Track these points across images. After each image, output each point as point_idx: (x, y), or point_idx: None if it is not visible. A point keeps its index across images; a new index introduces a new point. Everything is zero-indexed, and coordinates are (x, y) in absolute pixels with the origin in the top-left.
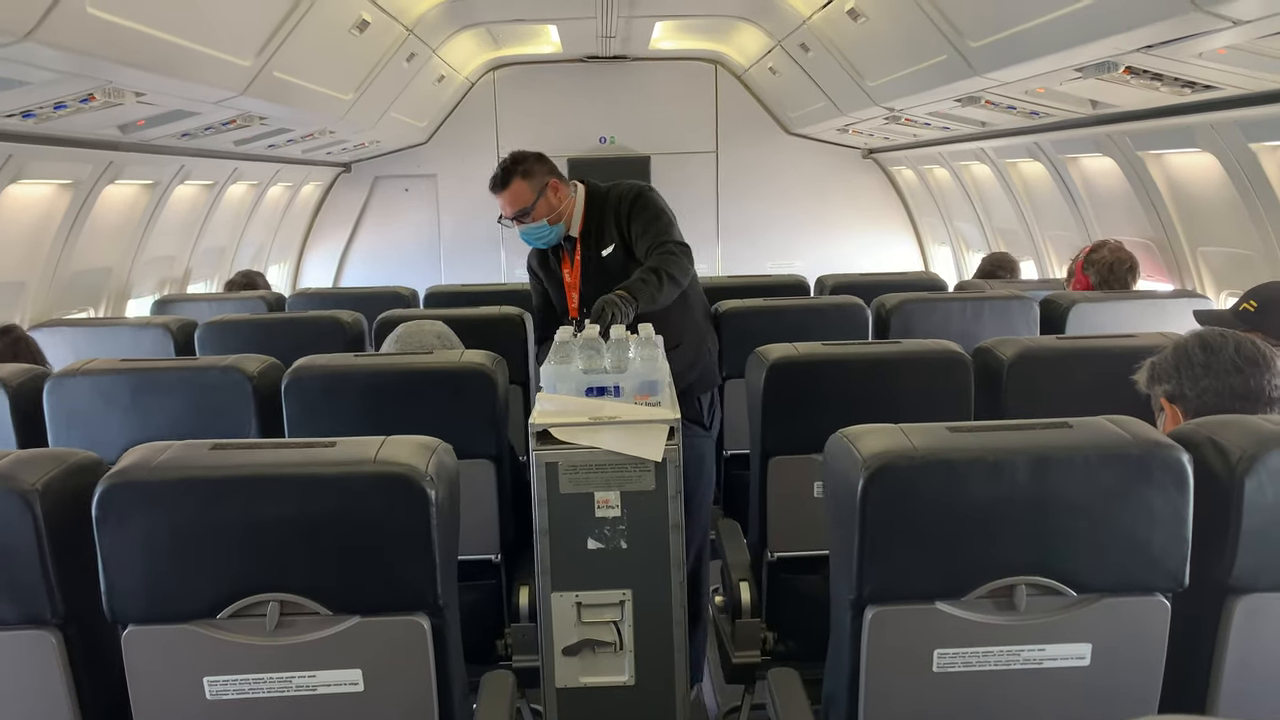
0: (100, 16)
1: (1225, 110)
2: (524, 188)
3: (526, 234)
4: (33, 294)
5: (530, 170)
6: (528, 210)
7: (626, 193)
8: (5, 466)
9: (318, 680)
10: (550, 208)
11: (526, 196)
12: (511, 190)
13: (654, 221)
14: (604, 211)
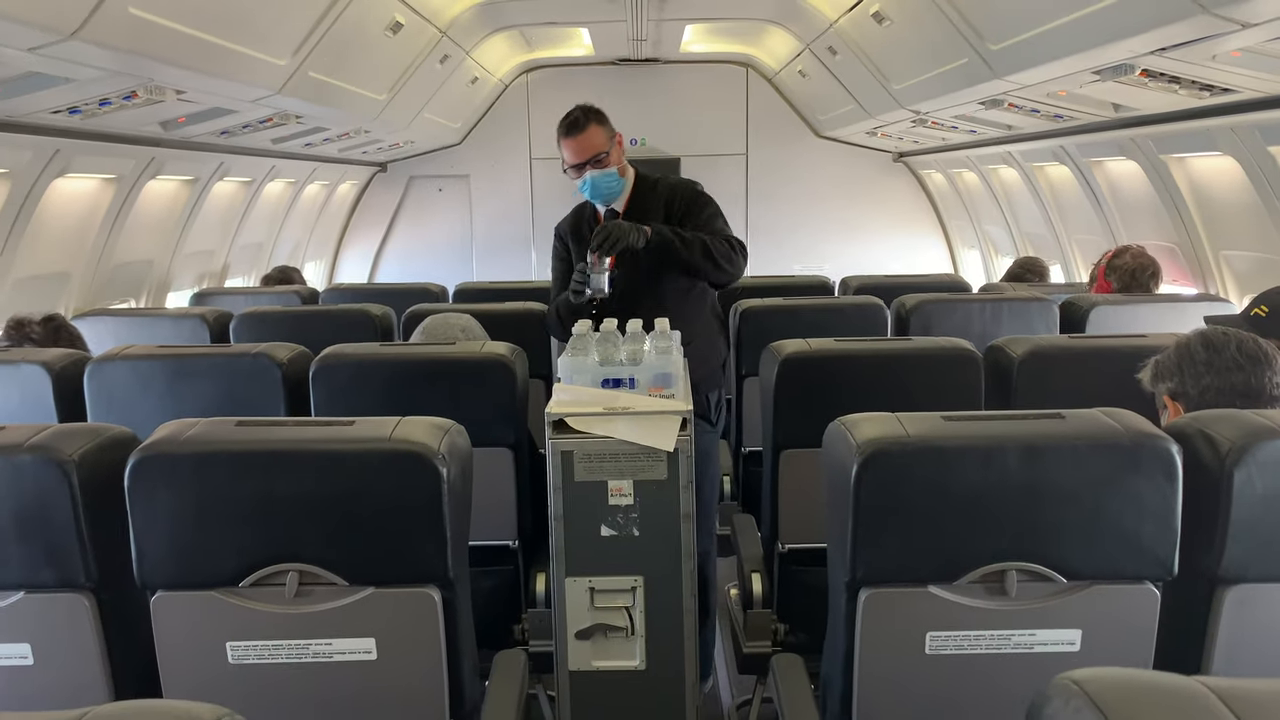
0: (141, 16)
1: (1244, 113)
2: (600, 133)
3: (595, 181)
4: (77, 285)
5: (603, 119)
6: (604, 154)
7: (684, 186)
8: (44, 439)
9: (333, 648)
10: (619, 159)
11: (602, 141)
12: (589, 134)
13: (713, 218)
14: (651, 197)
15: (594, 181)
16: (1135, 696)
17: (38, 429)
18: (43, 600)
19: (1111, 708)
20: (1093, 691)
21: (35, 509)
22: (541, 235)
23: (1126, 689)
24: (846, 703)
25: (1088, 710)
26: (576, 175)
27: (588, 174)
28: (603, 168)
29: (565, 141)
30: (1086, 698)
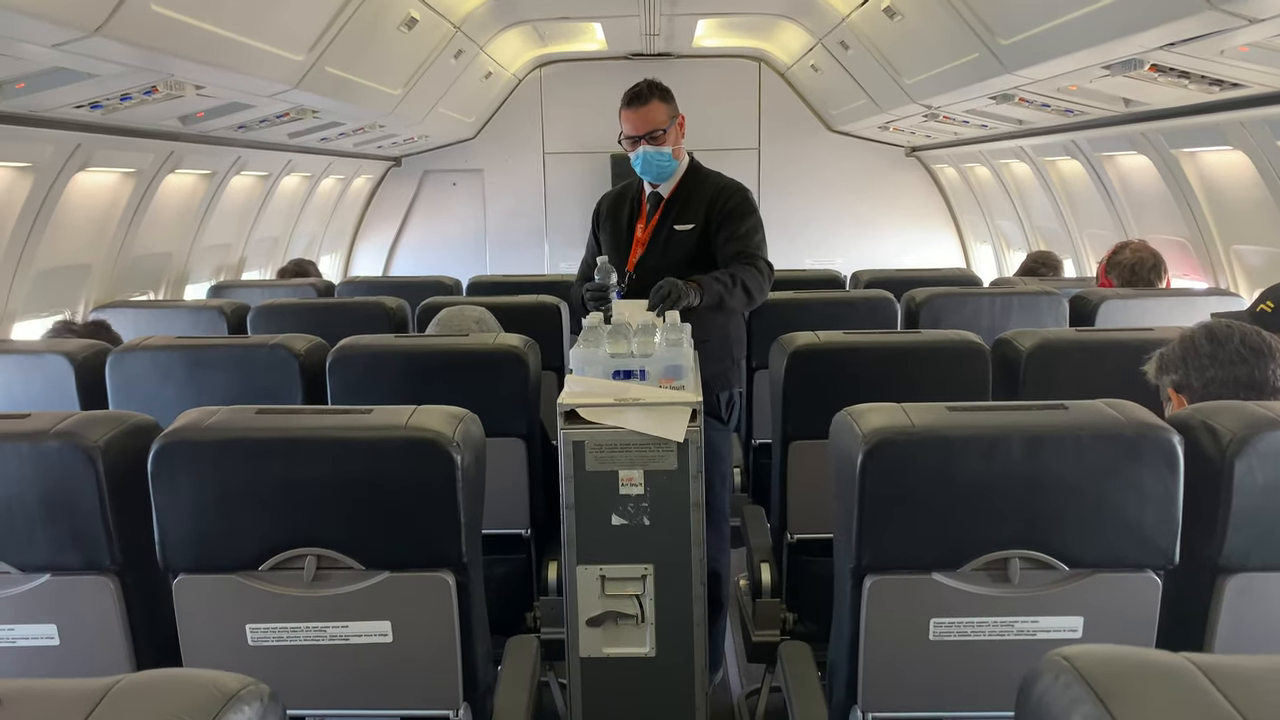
0: (163, 13)
1: (1254, 108)
2: (661, 109)
3: (648, 157)
4: (97, 277)
5: (668, 97)
6: (661, 131)
7: (734, 186)
8: (70, 425)
9: (350, 630)
10: (676, 139)
11: (662, 119)
12: (650, 108)
13: (752, 232)
14: (698, 190)
15: (645, 156)
16: (1123, 672)
17: (63, 416)
18: (68, 582)
19: (1099, 682)
20: (1082, 667)
21: (61, 494)
22: (554, 229)
23: (1114, 665)
24: (852, 688)
25: (1077, 685)
26: (632, 148)
27: (642, 148)
28: (657, 145)
29: (625, 113)
30: (1076, 673)
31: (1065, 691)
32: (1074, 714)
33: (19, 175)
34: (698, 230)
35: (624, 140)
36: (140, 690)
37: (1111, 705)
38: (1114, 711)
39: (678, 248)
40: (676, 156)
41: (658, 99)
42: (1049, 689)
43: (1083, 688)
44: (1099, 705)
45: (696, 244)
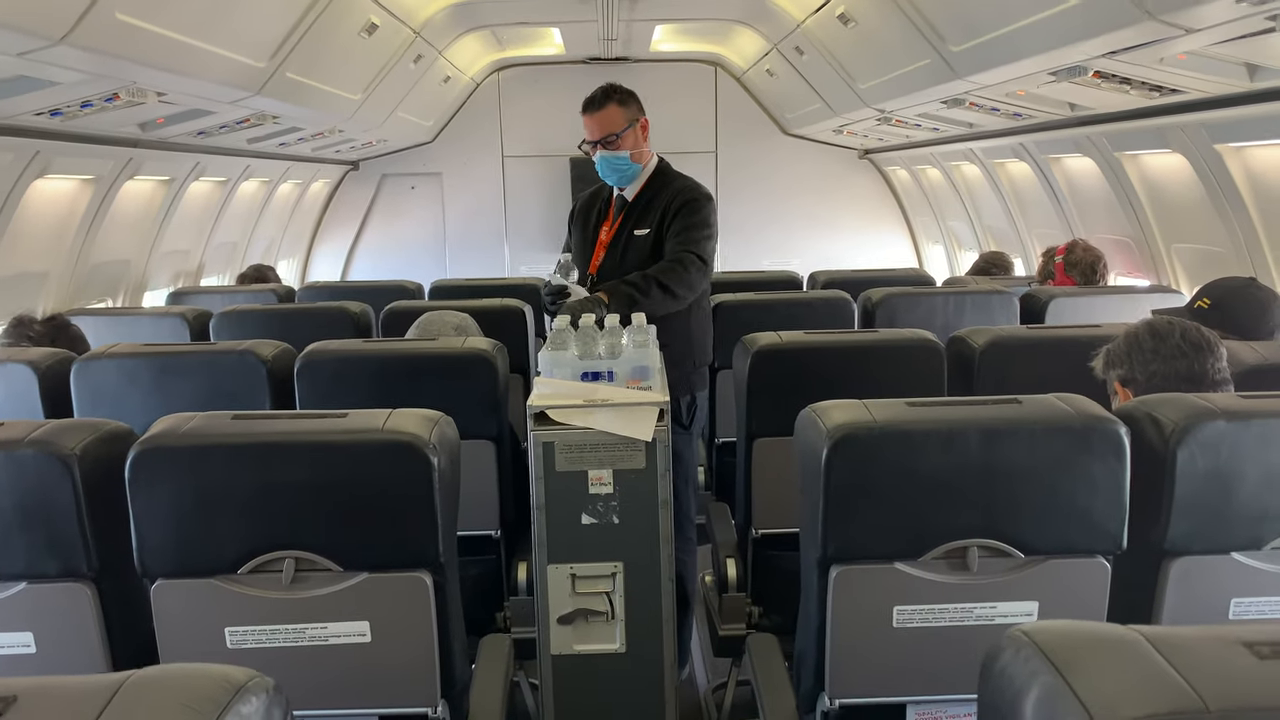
0: (127, 20)
1: (1191, 113)
2: (618, 113)
3: (605, 162)
4: (55, 284)
5: (626, 100)
6: (616, 136)
7: (686, 192)
8: (45, 433)
9: (329, 631)
10: (636, 143)
11: (618, 123)
12: (606, 112)
13: (692, 228)
14: (661, 194)
15: (602, 160)
16: (1078, 644)
17: (36, 424)
18: (45, 590)
19: (1057, 654)
20: (1040, 641)
21: (37, 502)
22: (515, 232)
23: (1070, 638)
24: (820, 675)
25: (1036, 658)
26: (592, 152)
27: (599, 152)
28: (612, 149)
29: (585, 118)
30: (1035, 647)
31: (1026, 664)
32: (1034, 685)
33: None
34: (653, 235)
35: (584, 145)
36: (151, 684)
37: (1068, 674)
38: (1070, 680)
39: (634, 252)
40: (637, 160)
41: (614, 103)
42: (1010, 663)
43: (1041, 660)
44: (1057, 675)
45: (651, 248)
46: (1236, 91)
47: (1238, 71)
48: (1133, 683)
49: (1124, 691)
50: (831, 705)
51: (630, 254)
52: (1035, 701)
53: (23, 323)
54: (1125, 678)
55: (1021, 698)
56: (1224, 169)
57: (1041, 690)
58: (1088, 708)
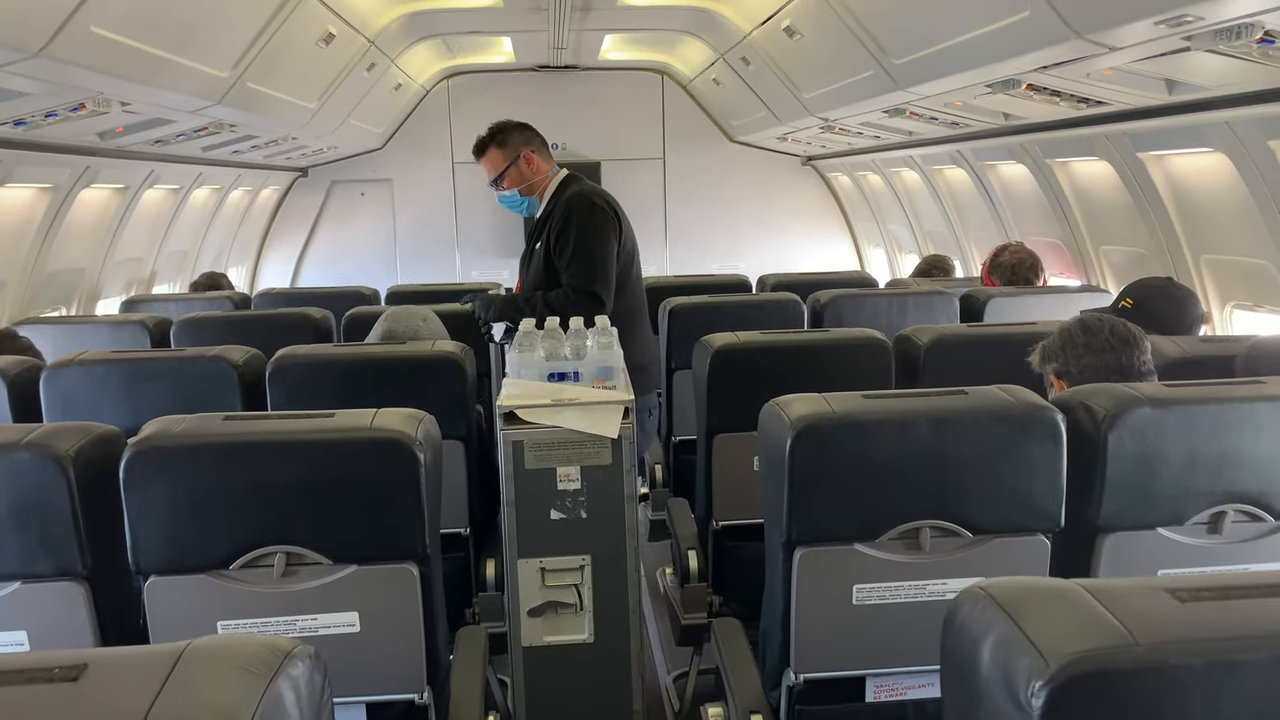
0: (101, 34)
1: (1115, 123)
2: (497, 156)
3: (501, 200)
4: (11, 294)
5: (506, 140)
6: (499, 177)
7: (564, 207)
8: (40, 436)
9: (319, 622)
10: (521, 178)
11: (498, 164)
12: (487, 158)
13: (572, 260)
14: (555, 210)
15: (500, 199)
16: (1027, 596)
17: (29, 428)
18: (39, 589)
19: (1009, 604)
20: (995, 594)
21: (32, 503)
22: (465, 238)
23: (1019, 590)
24: (785, 652)
25: (992, 609)
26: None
27: (496, 192)
28: (500, 189)
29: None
30: (991, 599)
31: (983, 615)
32: (990, 633)
33: None
34: (543, 248)
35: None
36: (210, 651)
37: (1020, 621)
38: (1022, 625)
39: (534, 266)
40: (528, 192)
41: (494, 146)
42: (969, 614)
43: (997, 610)
44: (1010, 622)
45: (543, 261)
46: (1156, 104)
47: (1158, 86)
48: (1075, 625)
49: (1068, 633)
50: (796, 680)
51: (532, 269)
52: (992, 646)
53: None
54: (1068, 621)
55: (979, 644)
56: (1146, 176)
57: (997, 636)
58: (1038, 647)
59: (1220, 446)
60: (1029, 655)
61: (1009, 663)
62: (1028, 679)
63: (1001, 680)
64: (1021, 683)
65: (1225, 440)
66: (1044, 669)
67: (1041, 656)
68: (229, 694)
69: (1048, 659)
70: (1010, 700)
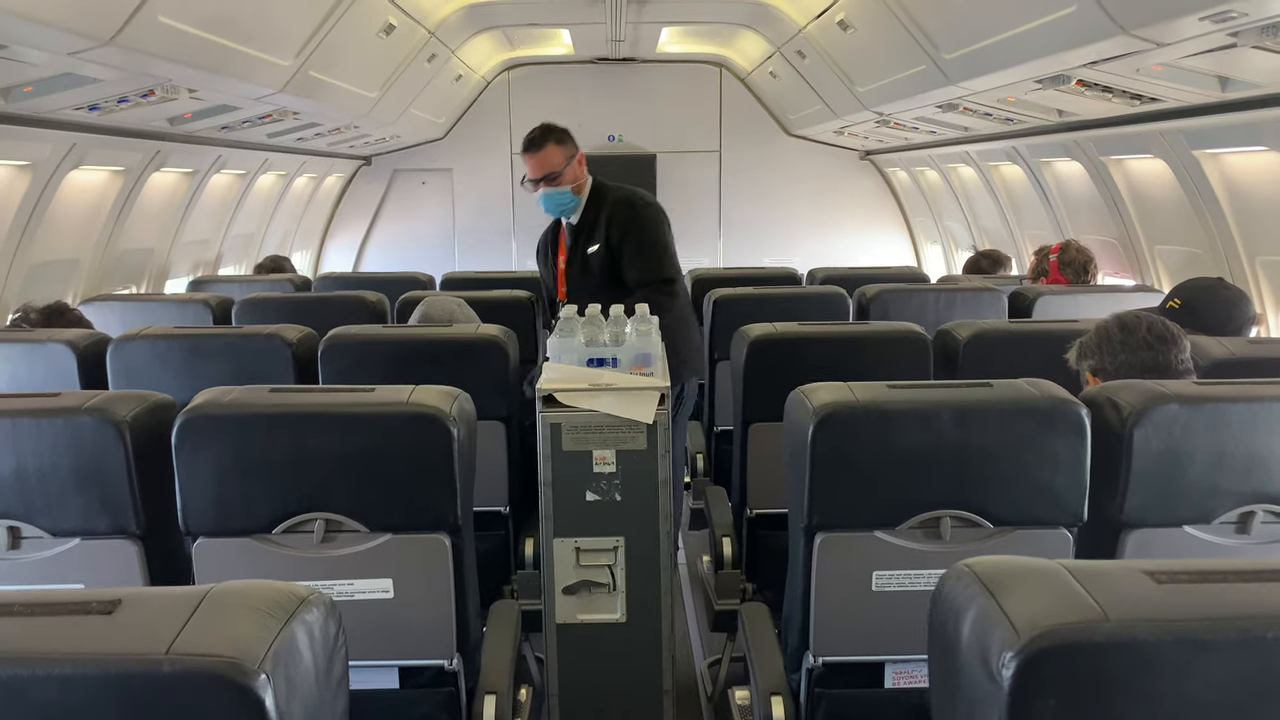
0: (168, 23)
1: (1169, 120)
2: (556, 153)
3: (549, 198)
4: (85, 271)
5: (563, 138)
6: (557, 174)
7: (624, 203)
8: (100, 403)
9: (355, 588)
10: (575, 177)
11: (558, 161)
12: (545, 153)
13: (649, 252)
14: (600, 211)
15: (546, 197)
16: (1008, 573)
17: (90, 395)
18: (96, 546)
19: (990, 581)
20: (978, 571)
21: (92, 465)
22: (522, 228)
23: (1002, 569)
24: (805, 635)
25: (974, 584)
26: (534, 189)
27: (542, 189)
28: (555, 186)
29: (525, 156)
30: (974, 576)
31: (965, 590)
32: (971, 607)
33: (18, 173)
34: (602, 250)
35: (526, 182)
36: (232, 594)
37: (998, 596)
38: (1000, 600)
39: (593, 269)
40: (577, 191)
41: (553, 143)
42: (953, 590)
43: (978, 586)
44: (989, 597)
45: (605, 264)
46: (1210, 101)
47: (1210, 83)
48: (1050, 601)
49: (1042, 608)
50: (816, 663)
51: (588, 271)
52: (972, 620)
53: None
54: (1044, 597)
55: (961, 618)
56: (1201, 174)
57: (976, 610)
58: (1012, 621)
59: (1250, 446)
60: (1003, 628)
61: (985, 636)
62: (1000, 650)
63: (978, 652)
64: (994, 654)
65: (1255, 440)
66: (1015, 641)
67: (1014, 629)
68: (246, 631)
69: (1019, 631)
70: (984, 671)
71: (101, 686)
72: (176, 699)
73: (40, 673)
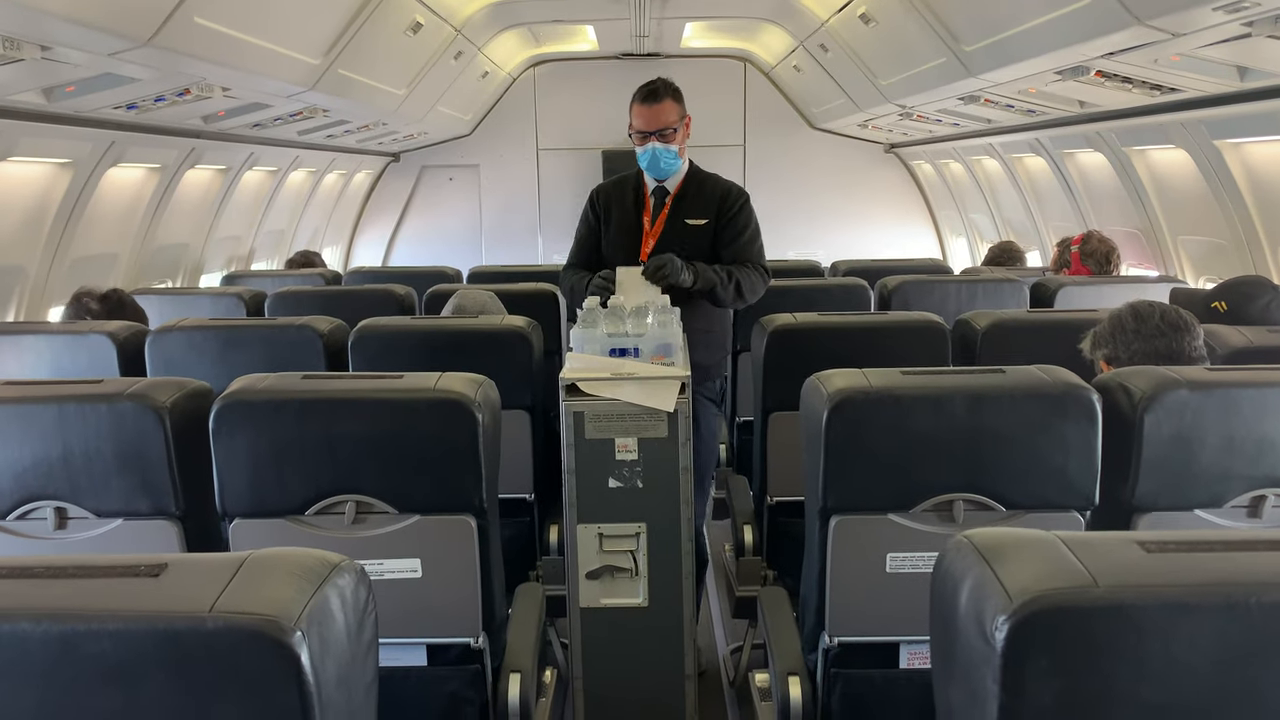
0: (204, 24)
1: (1190, 110)
2: (674, 109)
3: (655, 153)
4: (124, 266)
5: (679, 97)
6: (672, 130)
7: (739, 190)
8: (141, 389)
9: (384, 567)
10: (684, 138)
11: (674, 118)
12: (663, 106)
13: (754, 241)
14: (704, 188)
15: (655, 152)
16: (1004, 544)
17: (132, 381)
18: (138, 527)
19: (987, 551)
20: (976, 542)
21: (134, 448)
22: (548, 223)
23: (999, 539)
24: (820, 616)
25: (972, 555)
26: (641, 143)
27: (652, 144)
28: (667, 143)
29: (639, 108)
30: (972, 546)
31: (963, 560)
32: (968, 576)
33: (59, 171)
34: (710, 225)
35: (634, 134)
36: (268, 560)
37: (994, 565)
38: (995, 569)
39: (691, 240)
40: (681, 155)
41: (671, 98)
42: (953, 560)
43: (976, 556)
44: (985, 566)
45: (710, 237)
46: (1229, 91)
47: (1229, 72)
48: (1042, 568)
49: (1035, 575)
50: (831, 643)
51: (688, 242)
52: (969, 588)
53: (81, 299)
54: (1037, 565)
55: (959, 586)
56: (1223, 163)
57: (973, 579)
58: (1006, 587)
59: (1260, 430)
60: (997, 594)
61: (981, 602)
62: (994, 615)
63: (974, 618)
64: (989, 619)
65: (1265, 424)
66: (1008, 605)
67: (1007, 594)
68: (283, 593)
69: (1012, 597)
70: (979, 635)
71: (150, 641)
72: (219, 653)
73: (94, 628)
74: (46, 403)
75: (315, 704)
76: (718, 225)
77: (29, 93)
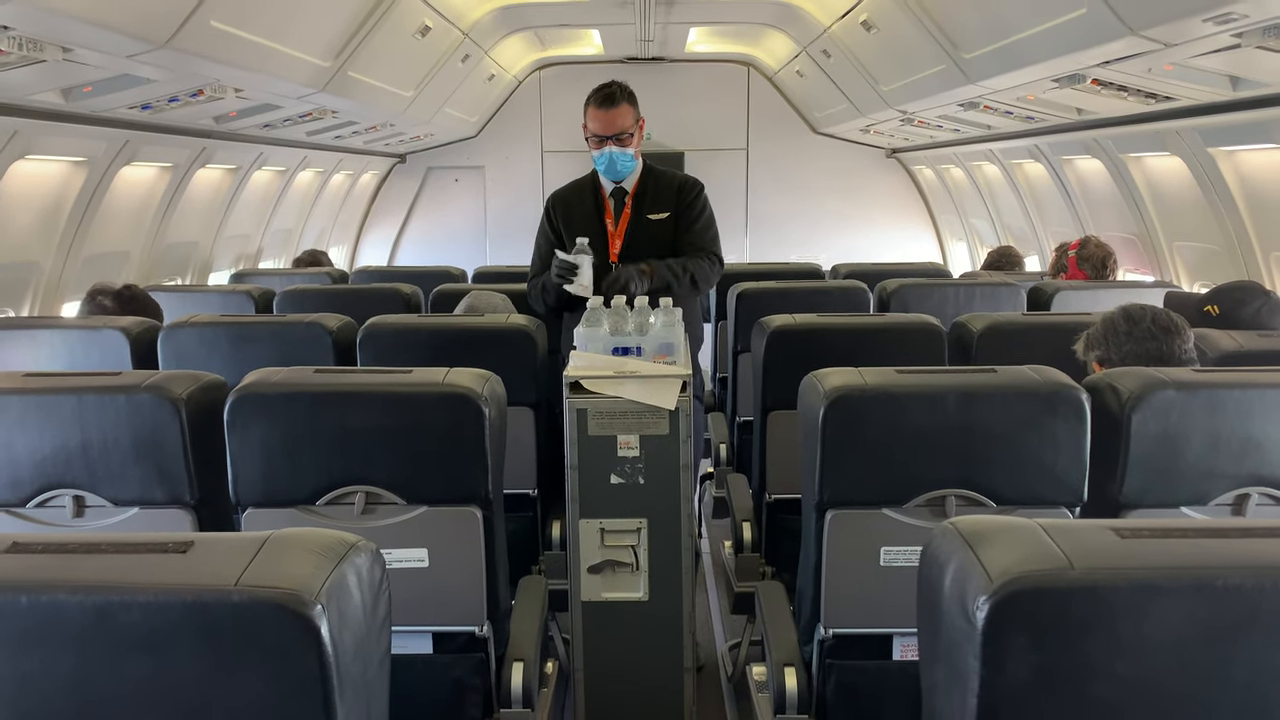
0: (219, 27)
1: (1184, 119)
2: (629, 113)
3: (613, 157)
4: (135, 263)
5: (634, 100)
6: (628, 134)
7: (693, 182)
8: (158, 381)
9: (393, 557)
10: (638, 141)
11: (629, 122)
12: (619, 111)
13: (707, 228)
14: (660, 183)
15: (612, 156)
16: (988, 530)
17: (148, 374)
18: (154, 515)
19: (971, 536)
20: (961, 529)
21: (150, 439)
22: None
23: (983, 525)
24: (816, 608)
25: (956, 540)
26: (597, 147)
27: (609, 148)
28: (623, 147)
29: (595, 112)
30: (957, 532)
31: (948, 545)
32: (952, 560)
33: (74, 169)
34: (671, 218)
35: (590, 138)
36: (288, 539)
37: (977, 549)
38: (978, 553)
39: (656, 234)
40: (636, 158)
41: (627, 102)
42: (939, 546)
43: (960, 541)
44: (968, 550)
45: (672, 230)
46: (1222, 100)
47: (1221, 81)
48: (1022, 552)
49: (1014, 558)
50: (826, 634)
51: (653, 237)
52: (953, 571)
53: (96, 294)
54: (1017, 549)
55: (944, 570)
56: (1217, 171)
57: (957, 562)
58: (986, 569)
59: (1245, 430)
60: (978, 576)
61: (964, 583)
62: (975, 595)
63: (957, 598)
64: (970, 599)
65: (1250, 424)
66: (988, 586)
67: (988, 576)
68: (303, 569)
69: (992, 579)
70: (962, 615)
71: (178, 612)
72: (244, 624)
73: (126, 599)
74: (66, 394)
75: (334, 673)
76: (678, 216)
77: (48, 93)
